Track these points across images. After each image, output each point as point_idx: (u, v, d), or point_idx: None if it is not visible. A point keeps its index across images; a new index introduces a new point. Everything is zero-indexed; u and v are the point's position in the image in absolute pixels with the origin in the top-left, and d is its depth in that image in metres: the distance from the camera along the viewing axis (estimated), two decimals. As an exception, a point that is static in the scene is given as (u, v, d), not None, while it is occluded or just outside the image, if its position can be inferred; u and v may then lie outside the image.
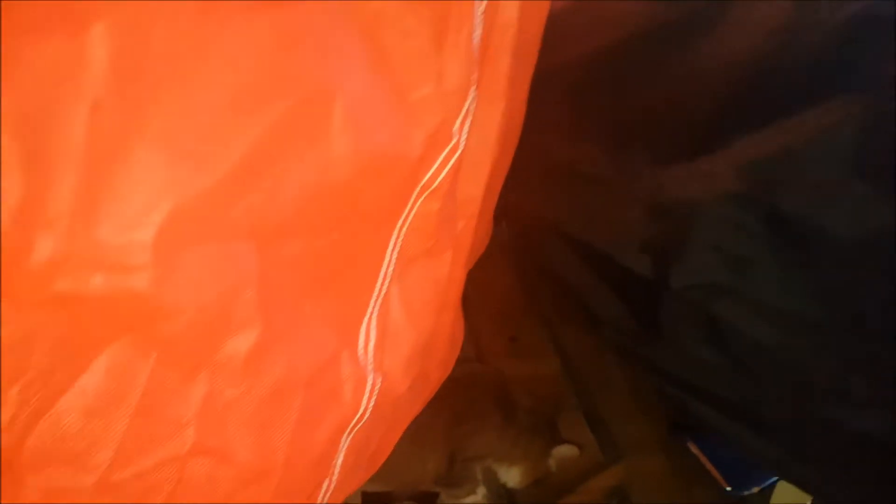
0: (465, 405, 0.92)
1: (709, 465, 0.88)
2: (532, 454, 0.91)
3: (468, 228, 0.48)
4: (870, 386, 0.57)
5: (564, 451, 0.93)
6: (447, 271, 0.45)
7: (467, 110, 0.40)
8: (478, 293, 1.20)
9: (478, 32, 0.39)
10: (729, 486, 0.87)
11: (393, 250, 0.41)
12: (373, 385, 0.41)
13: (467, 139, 0.41)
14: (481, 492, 0.96)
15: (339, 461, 0.41)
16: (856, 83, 0.56)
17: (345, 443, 0.41)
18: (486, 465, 0.91)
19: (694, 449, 0.90)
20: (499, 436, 0.91)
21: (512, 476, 0.91)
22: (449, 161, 0.40)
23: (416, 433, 0.85)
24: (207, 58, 0.29)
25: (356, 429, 0.41)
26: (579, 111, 0.81)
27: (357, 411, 0.40)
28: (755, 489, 0.87)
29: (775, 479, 0.86)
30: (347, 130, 0.34)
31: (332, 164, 0.34)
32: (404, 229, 0.41)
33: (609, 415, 0.99)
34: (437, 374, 0.53)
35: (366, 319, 0.41)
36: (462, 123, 0.40)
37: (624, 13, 0.79)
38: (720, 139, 0.64)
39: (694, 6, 0.72)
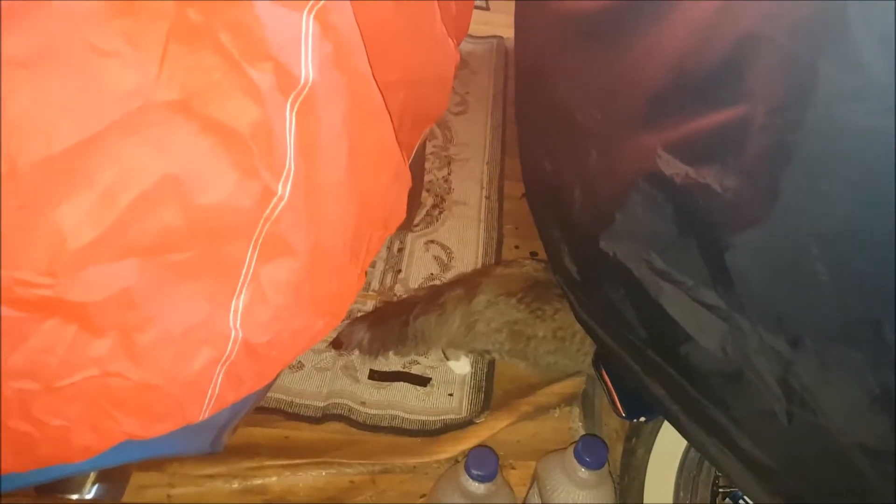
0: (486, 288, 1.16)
1: (613, 393, 1.06)
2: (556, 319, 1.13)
3: (325, 233, 0.70)
4: (734, 351, 0.70)
5: None
6: (300, 264, 0.68)
7: (287, 174, 0.62)
8: (510, 218, 1.48)
9: (290, 127, 0.60)
10: (624, 413, 1.05)
11: (252, 254, 0.65)
12: (235, 338, 0.66)
13: (295, 189, 0.63)
14: (466, 367, 1.24)
15: (218, 382, 0.67)
16: (743, 94, 0.67)
17: (219, 372, 0.67)
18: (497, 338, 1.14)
19: (605, 377, 1.08)
20: (512, 309, 1.14)
21: (537, 330, 1.14)
22: (279, 205, 0.63)
23: (444, 306, 1.13)
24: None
25: (227, 363, 0.67)
26: (584, 61, 0.95)
27: (224, 352, 0.66)
28: (642, 419, 1.04)
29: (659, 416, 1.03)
30: (194, 195, 0.58)
31: (185, 212, 0.59)
32: (259, 242, 0.65)
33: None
34: (324, 321, 0.77)
35: (235, 297, 0.66)
36: (284, 182, 0.62)
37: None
38: (657, 119, 0.78)
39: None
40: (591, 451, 0.94)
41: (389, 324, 1.19)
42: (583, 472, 0.94)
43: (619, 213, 0.82)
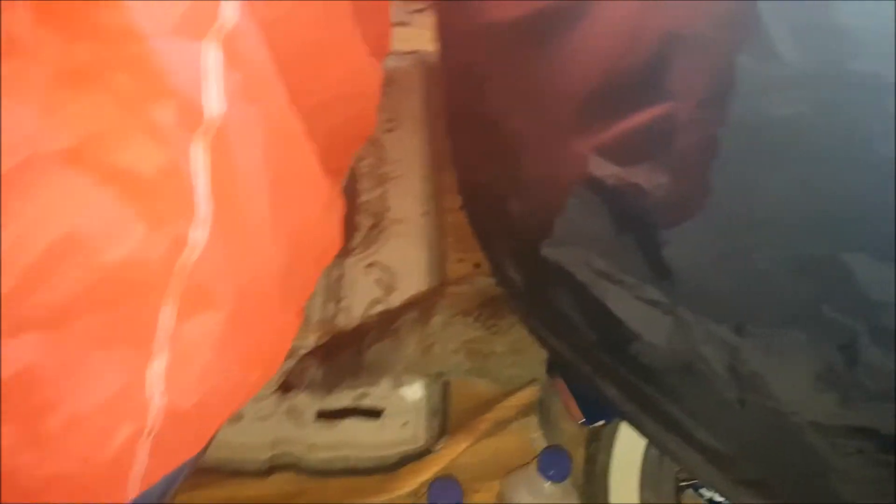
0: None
1: (569, 400, 1.05)
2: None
3: (252, 278, 0.64)
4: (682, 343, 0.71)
5: None
6: (224, 315, 0.62)
7: (199, 220, 0.56)
8: (451, 231, 1.43)
9: (201, 166, 0.54)
10: (583, 418, 1.03)
11: (166, 312, 0.58)
12: (158, 406, 0.59)
13: (212, 235, 0.57)
14: (419, 392, 1.19)
15: (144, 457, 0.60)
16: (668, 92, 0.68)
17: (144, 446, 0.60)
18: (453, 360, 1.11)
19: (561, 385, 1.07)
20: (469, 328, 1.12)
21: (495, 346, 1.12)
22: (194, 254, 0.57)
23: (398, 332, 1.10)
24: None
25: (151, 436, 0.60)
26: (510, 69, 0.94)
27: (146, 424, 0.59)
28: (601, 422, 1.03)
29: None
30: (97, 253, 0.51)
31: (88, 273, 0.52)
32: (177, 298, 0.58)
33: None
34: (259, 372, 0.71)
35: (152, 361, 0.59)
36: (200, 227, 0.56)
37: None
38: (586, 123, 0.77)
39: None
40: (553, 463, 0.92)
41: (342, 356, 1.14)
42: (548, 486, 0.92)
43: (557, 220, 0.82)
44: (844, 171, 0.59)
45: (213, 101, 0.52)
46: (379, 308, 1.35)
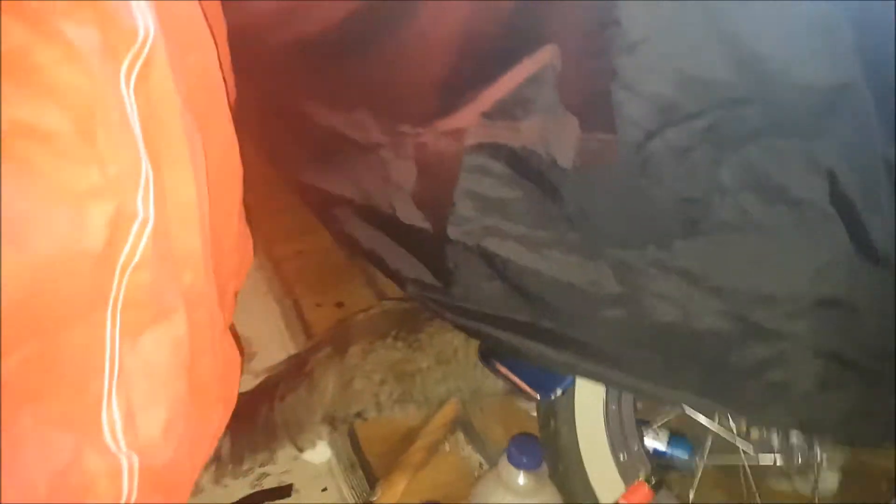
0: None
1: (518, 382, 0.97)
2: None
3: (198, 277, 0.49)
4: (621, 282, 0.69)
5: None
6: (183, 328, 0.46)
7: (146, 184, 0.41)
8: (297, 278, 1.29)
9: (133, 110, 0.40)
10: (538, 395, 0.96)
11: (113, 333, 0.41)
12: (129, 467, 0.41)
13: (157, 207, 0.42)
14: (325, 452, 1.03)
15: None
16: (546, 36, 0.67)
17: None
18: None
19: (503, 370, 0.99)
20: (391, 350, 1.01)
21: (420, 362, 1.02)
22: (143, 234, 0.41)
23: (311, 374, 0.92)
24: None
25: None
26: (337, 80, 0.90)
27: (120, 498, 0.40)
28: (559, 392, 0.97)
29: (572, 379, 0.98)
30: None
31: None
32: (119, 310, 0.42)
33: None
34: (220, 408, 0.54)
35: (104, 408, 0.41)
36: (145, 197, 0.41)
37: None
38: (461, 96, 0.74)
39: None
40: (524, 450, 0.86)
41: (251, 418, 0.94)
42: (522, 477, 0.84)
43: (456, 199, 0.77)
44: (723, 69, 0.61)
45: (143, 14, 0.39)
46: (242, 379, 1.17)
